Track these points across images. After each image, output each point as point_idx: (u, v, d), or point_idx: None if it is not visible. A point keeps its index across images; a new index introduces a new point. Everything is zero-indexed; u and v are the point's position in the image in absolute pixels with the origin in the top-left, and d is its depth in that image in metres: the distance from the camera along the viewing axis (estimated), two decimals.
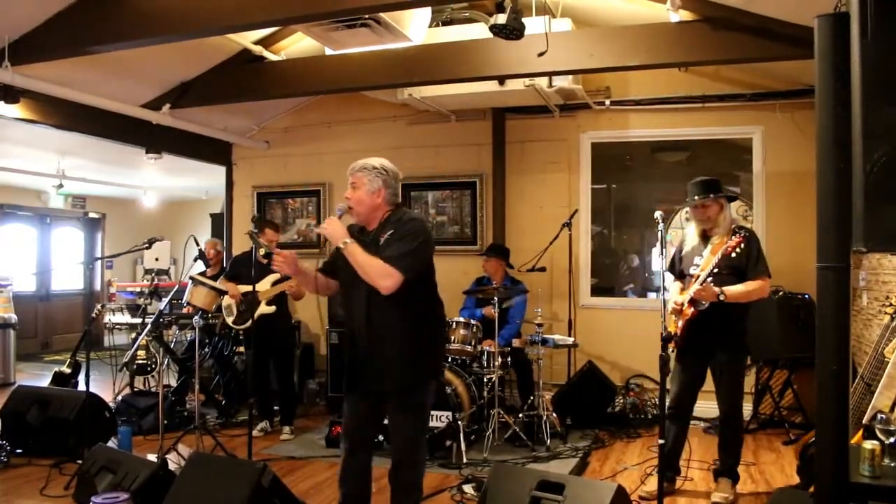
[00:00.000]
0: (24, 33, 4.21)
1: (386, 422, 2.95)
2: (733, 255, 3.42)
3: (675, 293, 3.81)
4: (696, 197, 3.67)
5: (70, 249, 10.49)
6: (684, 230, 3.89)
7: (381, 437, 3.92)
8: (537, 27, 4.20)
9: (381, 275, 2.64)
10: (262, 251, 4.78)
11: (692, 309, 3.54)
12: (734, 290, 3.47)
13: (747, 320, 3.68)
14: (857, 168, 1.75)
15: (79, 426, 4.29)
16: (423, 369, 2.83)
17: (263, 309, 4.92)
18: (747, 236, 3.49)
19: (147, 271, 9.60)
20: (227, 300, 5.05)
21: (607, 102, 5.94)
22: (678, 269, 3.87)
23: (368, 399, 2.84)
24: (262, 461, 3.11)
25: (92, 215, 10.66)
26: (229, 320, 5.09)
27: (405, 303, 2.71)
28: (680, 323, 3.62)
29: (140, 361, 5.42)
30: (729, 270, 3.50)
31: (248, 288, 4.87)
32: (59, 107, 5.13)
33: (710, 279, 3.47)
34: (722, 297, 3.43)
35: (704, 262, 3.58)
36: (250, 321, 5.05)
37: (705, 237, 3.71)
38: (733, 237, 3.45)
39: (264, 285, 4.90)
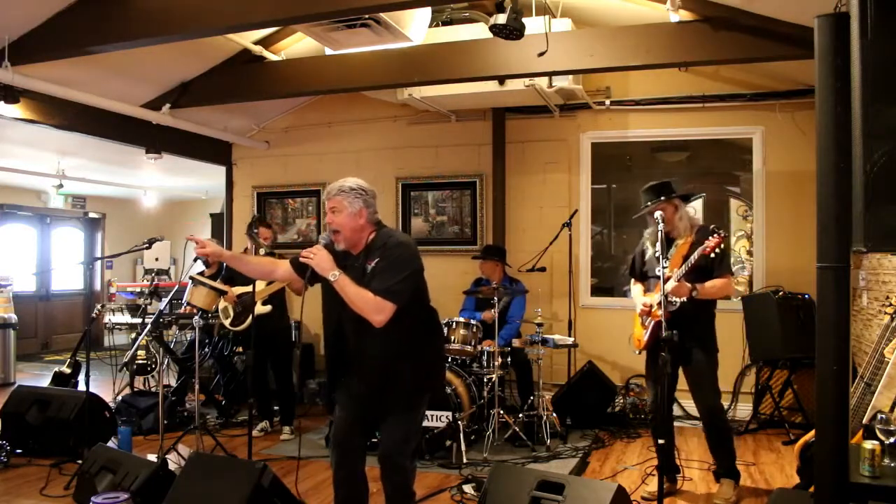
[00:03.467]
0: (24, 33, 4.21)
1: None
2: (712, 255, 3.43)
3: (638, 295, 3.85)
4: (649, 203, 3.67)
5: (70, 249, 10.49)
6: (645, 232, 3.88)
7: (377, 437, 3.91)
8: (537, 27, 4.20)
9: (374, 310, 2.58)
10: (262, 251, 4.80)
11: (662, 310, 3.53)
12: (707, 286, 3.52)
13: (715, 320, 3.72)
14: (857, 168, 1.75)
15: (79, 426, 4.30)
16: (420, 386, 2.81)
17: (260, 309, 4.92)
18: (726, 236, 3.51)
19: (147, 271, 9.60)
20: (222, 302, 5.05)
21: (607, 102, 5.94)
22: (639, 270, 3.90)
23: (360, 407, 2.82)
24: (262, 461, 3.11)
25: (92, 215, 10.66)
26: (226, 322, 5.08)
27: (398, 324, 2.64)
28: (650, 324, 3.64)
29: (140, 361, 5.42)
30: (694, 270, 3.52)
31: (244, 289, 4.86)
32: (59, 107, 5.13)
33: (682, 278, 3.49)
34: (695, 294, 3.48)
35: (672, 262, 3.59)
36: (248, 322, 5.04)
37: (668, 239, 3.69)
38: (712, 237, 3.44)
39: (259, 285, 4.90)
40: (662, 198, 3.65)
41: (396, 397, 2.74)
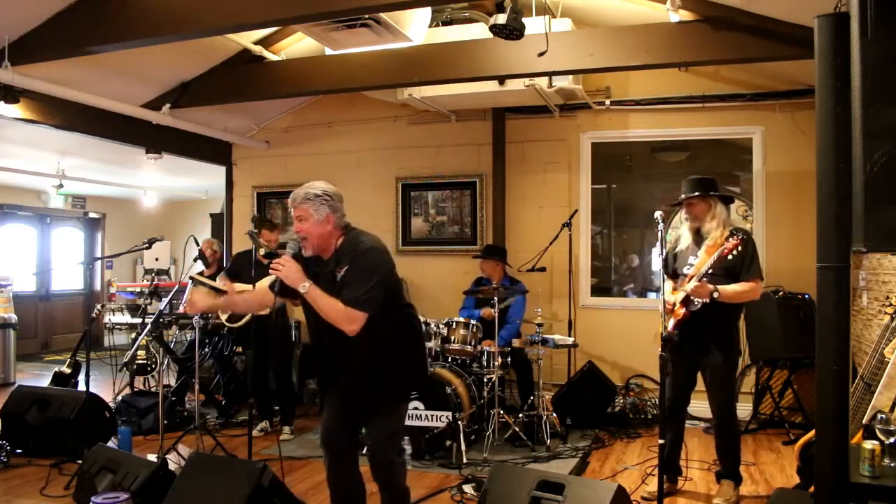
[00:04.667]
0: (24, 33, 4.21)
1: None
2: (730, 257, 3.43)
3: (667, 292, 3.82)
4: (684, 194, 3.72)
5: (70, 249, 10.49)
6: (681, 229, 3.90)
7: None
8: (537, 27, 4.20)
9: (345, 320, 2.58)
10: (262, 251, 4.80)
11: (684, 309, 3.54)
12: (728, 289, 3.48)
13: (738, 321, 3.70)
14: (857, 168, 1.75)
15: (79, 426, 4.30)
16: (401, 385, 2.85)
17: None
18: (744, 239, 3.49)
19: (147, 271, 9.60)
20: None
21: (607, 102, 5.94)
22: (671, 267, 3.88)
23: (343, 407, 2.83)
24: (262, 461, 3.11)
25: (92, 215, 10.66)
26: (223, 318, 5.09)
27: (374, 328, 2.64)
28: (671, 322, 3.63)
29: (140, 361, 5.42)
30: (723, 272, 3.51)
31: (246, 287, 4.86)
32: (59, 107, 5.13)
33: (704, 278, 3.48)
34: (716, 296, 3.45)
35: (699, 262, 3.59)
36: (245, 320, 5.04)
37: (699, 236, 3.72)
38: (730, 239, 3.44)
39: (262, 285, 4.89)
40: (697, 193, 3.66)
41: (379, 398, 2.77)
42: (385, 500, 2.90)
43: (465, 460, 4.34)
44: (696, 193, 3.66)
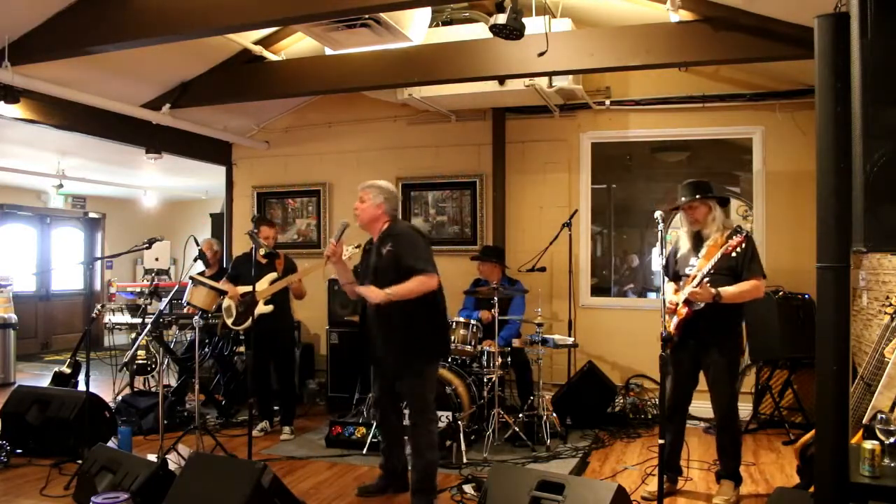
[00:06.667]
0: (24, 33, 4.21)
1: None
2: (733, 254, 3.42)
3: (669, 293, 3.82)
4: (683, 199, 3.70)
5: (70, 249, 10.49)
6: (679, 231, 3.89)
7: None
8: (537, 27, 4.20)
9: (418, 284, 3.34)
10: (262, 251, 4.81)
11: (686, 308, 3.54)
12: (730, 290, 3.47)
13: (742, 320, 3.69)
14: (857, 168, 1.75)
15: (79, 426, 4.29)
16: (425, 351, 3.48)
17: (262, 308, 4.92)
18: (746, 236, 3.49)
19: (147, 271, 9.58)
20: (226, 301, 5.05)
21: (607, 102, 5.94)
22: (672, 270, 3.88)
23: (382, 372, 3.65)
24: (262, 461, 3.11)
25: (92, 215, 10.66)
26: (229, 321, 5.08)
27: (401, 304, 3.38)
28: (674, 322, 3.63)
29: (140, 361, 5.42)
30: (725, 271, 3.51)
31: (247, 288, 4.87)
32: (59, 107, 5.13)
33: (706, 279, 3.48)
34: (718, 298, 3.44)
35: (700, 263, 3.59)
36: (249, 322, 5.04)
37: (699, 239, 3.72)
38: (734, 237, 3.44)
39: (262, 284, 4.90)
40: (698, 196, 3.65)
41: (407, 358, 3.43)
42: (415, 465, 3.46)
43: (465, 460, 4.34)
44: (697, 197, 3.66)
